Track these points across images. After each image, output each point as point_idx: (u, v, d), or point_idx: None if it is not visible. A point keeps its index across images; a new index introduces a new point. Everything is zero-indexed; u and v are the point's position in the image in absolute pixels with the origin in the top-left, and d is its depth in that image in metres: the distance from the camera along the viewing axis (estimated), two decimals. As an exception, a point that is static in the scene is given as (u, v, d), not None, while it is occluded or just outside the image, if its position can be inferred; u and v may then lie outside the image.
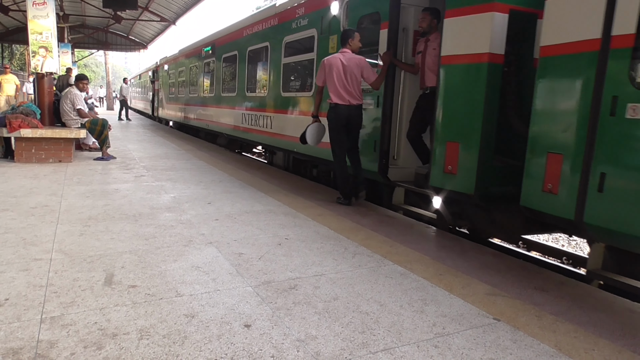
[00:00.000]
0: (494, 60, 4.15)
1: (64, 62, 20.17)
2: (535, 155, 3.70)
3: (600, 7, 3.17)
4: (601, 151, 3.21)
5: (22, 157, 7.85)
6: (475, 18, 4.26)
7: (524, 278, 3.54)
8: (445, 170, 4.57)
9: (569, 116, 3.45)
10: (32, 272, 3.09)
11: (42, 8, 8.76)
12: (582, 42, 3.34)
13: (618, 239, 3.34)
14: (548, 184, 3.58)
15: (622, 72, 3.09)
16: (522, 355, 2.38)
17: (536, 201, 3.72)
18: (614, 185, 3.15)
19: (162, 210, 4.94)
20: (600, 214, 3.23)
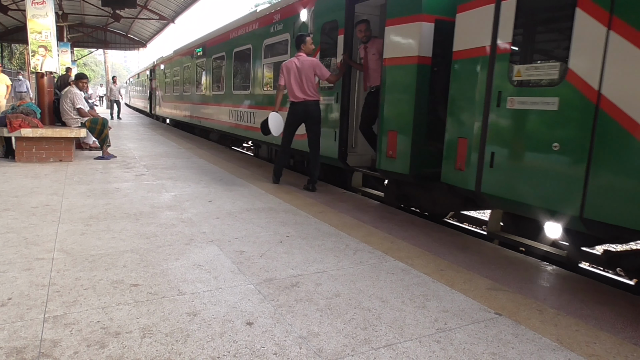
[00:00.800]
0: (423, 62, 5.03)
1: (64, 61, 20.16)
2: (450, 140, 4.55)
3: (490, 21, 4.01)
4: (491, 135, 4.04)
5: (23, 156, 7.86)
6: (407, 27, 5.14)
7: (525, 272, 3.55)
8: (388, 155, 5.46)
9: (471, 107, 4.24)
10: (35, 271, 3.10)
11: (41, 7, 8.74)
12: (478, 49, 4.16)
13: (506, 205, 4.16)
14: (459, 163, 4.42)
15: (504, 72, 3.91)
16: (524, 349, 2.39)
17: (451, 177, 4.57)
18: (500, 162, 3.97)
19: (163, 209, 4.94)
20: (492, 185, 4.07)
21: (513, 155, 3.88)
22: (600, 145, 3.19)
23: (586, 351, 2.41)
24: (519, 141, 3.82)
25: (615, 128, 3.09)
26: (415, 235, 4.44)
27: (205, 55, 13.54)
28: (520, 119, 3.80)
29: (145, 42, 31.00)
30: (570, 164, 3.39)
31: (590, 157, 3.23)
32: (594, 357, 2.35)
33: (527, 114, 3.73)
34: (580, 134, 3.32)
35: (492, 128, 4.03)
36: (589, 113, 3.24)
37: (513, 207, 4.14)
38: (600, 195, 3.20)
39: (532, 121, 3.72)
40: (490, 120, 4.03)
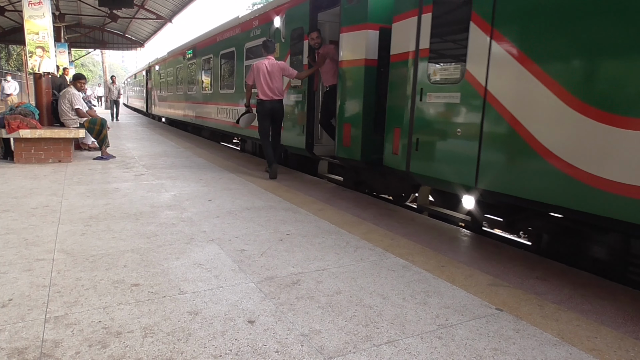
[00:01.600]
0: (370, 64, 5.84)
1: (61, 62, 20.12)
2: (389, 129, 5.31)
3: (414, 30, 4.81)
4: (416, 124, 4.83)
5: (22, 157, 7.85)
6: (356, 34, 5.97)
7: (526, 268, 3.55)
8: (344, 144, 6.33)
9: (403, 101, 5.02)
10: (35, 272, 3.09)
11: (38, 8, 8.72)
12: (407, 53, 4.94)
13: (428, 181, 4.94)
14: (395, 148, 5.18)
15: (424, 72, 4.69)
16: (525, 344, 2.39)
17: (389, 161, 5.34)
18: (422, 146, 4.76)
19: (162, 209, 4.94)
20: (417, 166, 4.85)
21: (430, 140, 4.70)
22: (486, 129, 4.01)
23: (587, 346, 2.41)
24: (434, 128, 4.64)
25: (495, 115, 3.92)
26: (416, 232, 4.44)
27: (195, 56, 14.47)
28: (435, 110, 4.62)
29: (143, 42, 30.94)
30: (468, 145, 4.20)
31: (481, 138, 4.06)
32: (595, 351, 2.36)
33: (440, 106, 4.55)
34: (474, 121, 4.15)
35: (417, 118, 4.84)
36: (480, 104, 4.06)
37: (432, 183, 4.97)
38: (486, 169, 4.05)
39: (443, 112, 4.51)
40: (416, 112, 4.85)
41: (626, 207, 3.00)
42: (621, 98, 3.05)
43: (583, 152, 3.27)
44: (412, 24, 4.88)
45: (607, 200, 3.11)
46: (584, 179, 3.25)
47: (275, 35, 8.45)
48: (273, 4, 8.82)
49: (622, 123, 3.02)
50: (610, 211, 3.11)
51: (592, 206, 3.22)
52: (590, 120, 3.22)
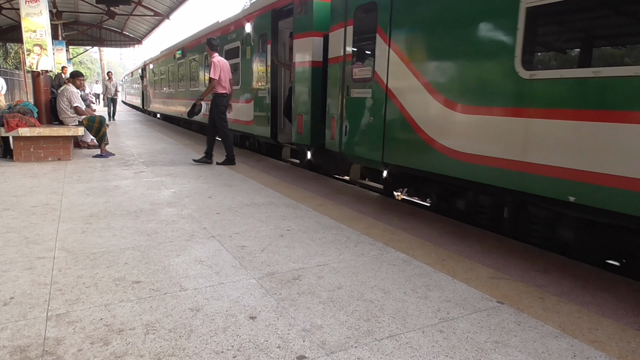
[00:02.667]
0: (315, 65, 7.13)
1: (59, 60, 20.08)
2: (328, 118, 6.59)
3: (342, 39, 6.09)
4: (345, 114, 6.08)
5: (21, 156, 7.84)
6: (304, 40, 7.32)
7: (526, 261, 3.56)
8: (298, 132, 7.63)
9: (336, 96, 6.30)
10: (36, 270, 3.10)
11: (35, 5, 8.69)
12: (338, 57, 6.24)
13: (354, 159, 6.28)
14: (332, 134, 6.44)
15: (349, 73, 5.94)
16: (527, 337, 2.40)
17: (329, 144, 6.62)
18: (349, 131, 6.02)
19: (163, 206, 4.94)
20: (346, 147, 6.09)
21: (354, 127, 5.95)
22: (387, 117, 5.25)
23: (589, 337, 2.41)
24: (356, 117, 5.90)
25: (392, 105, 5.16)
26: (416, 226, 4.44)
27: (184, 56, 15.87)
28: (356, 103, 5.87)
29: (141, 39, 30.88)
30: (377, 130, 5.42)
31: (384, 124, 5.31)
32: (597, 343, 2.36)
33: (359, 100, 5.78)
34: (380, 111, 5.39)
35: (345, 109, 6.11)
36: (384, 97, 5.31)
37: (357, 160, 6.35)
38: (388, 147, 5.28)
39: (361, 104, 5.76)
40: (345, 104, 6.10)
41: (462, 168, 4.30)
42: (455, 89, 4.36)
43: (441, 130, 4.53)
44: (341, 34, 6.16)
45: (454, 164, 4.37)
46: (443, 151, 4.49)
47: (246, 40, 9.92)
48: (244, 12, 10.29)
49: (454, 107, 4.37)
50: (456, 172, 4.38)
51: (448, 169, 4.46)
52: (444, 107, 4.48)
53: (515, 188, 3.82)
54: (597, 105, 3.23)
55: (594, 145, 3.23)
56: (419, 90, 4.75)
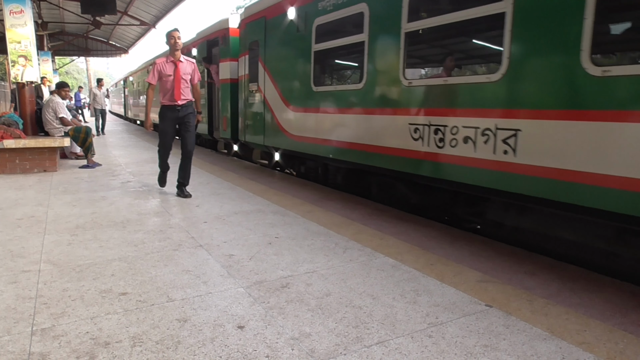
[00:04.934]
0: (233, 81, 10.07)
1: (45, 71, 19.92)
2: (239, 118, 9.56)
3: (244, 63, 9.13)
4: (245, 115, 9.11)
5: (6, 168, 7.74)
6: (226, 63, 10.39)
7: (514, 263, 3.57)
8: (223, 129, 10.74)
9: (242, 103, 9.31)
10: (21, 284, 3.05)
11: (20, 16, 8.63)
12: (241, 76, 9.29)
13: (253, 145, 9.14)
14: (241, 129, 9.41)
15: (247, 86, 8.97)
16: (515, 339, 2.40)
17: (241, 137, 9.55)
18: (248, 126, 8.98)
19: (150, 216, 4.90)
20: (248, 137, 9.10)
21: (250, 123, 8.95)
22: (265, 116, 8.20)
23: (577, 339, 2.43)
24: (251, 116, 8.91)
25: (267, 107, 8.03)
26: (405, 231, 4.45)
27: None
28: (251, 107, 8.91)
29: (127, 48, 30.72)
30: (261, 124, 8.36)
31: (264, 120, 8.19)
32: (585, 344, 2.37)
33: (253, 104, 8.79)
34: (262, 111, 8.29)
35: (245, 111, 9.20)
36: (263, 101, 8.17)
37: (254, 145, 9.25)
38: (266, 134, 8.19)
39: (253, 107, 8.76)
40: (246, 108, 9.20)
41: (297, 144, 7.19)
42: (290, 97, 7.35)
43: (293, 122, 7.31)
44: (243, 60, 9.29)
45: (293, 143, 7.29)
46: (290, 136, 7.37)
47: (202, 56, 12.40)
48: (192, 40, 13.34)
49: (290, 107, 7.34)
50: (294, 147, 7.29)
51: (291, 146, 7.43)
52: (286, 107, 7.47)
53: (319, 153, 6.69)
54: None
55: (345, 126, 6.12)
56: (277, 98, 7.84)
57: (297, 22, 7.03)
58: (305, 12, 6.77)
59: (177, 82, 5.82)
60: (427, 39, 5.31)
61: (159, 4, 19.23)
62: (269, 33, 8.04)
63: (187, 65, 5.95)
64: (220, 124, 10.95)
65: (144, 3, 19.38)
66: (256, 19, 8.51)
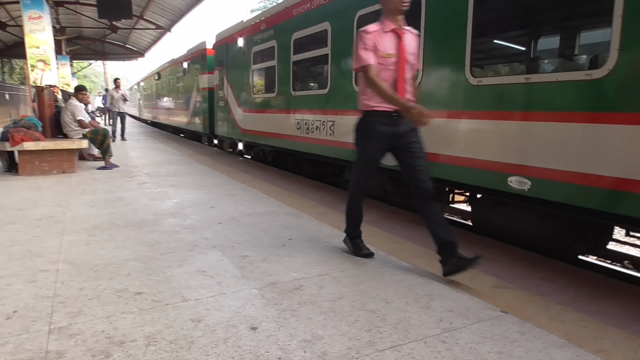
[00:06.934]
0: (210, 89, 13.63)
1: (63, 74, 20.23)
2: (213, 117, 13.48)
3: (215, 77, 13.15)
4: (217, 115, 13.03)
5: (26, 169, 7.88)
6: (205, 75, 14.03)
7: (530, 269, 3.53)
8: (203, 126, 14.43)
9: (215, 106, 13.24)
10: (39, 283, 3.10)
11: (38, 22, 8.79)
12: (215, 85, 13.16)
13: (223, 137, 13.09)
14: (212, 125, 13.67)
15: (218, 94, 12.79)
16: (531, 346, 2.37)
17: (215, 132, 13.41)
18: (218, 123, 12.92)
19: (165, 216, 4.95)
20: (219, 131, 12.96)
21: (221, 120, 12.53)
22: (229, 115, 11.73)
23: (594, 347, 2.39)
24: (221, 115, 12.44)
25: (228, 109, 11.79)
26: (419, 235, 4.42)
27: (160, 78, 23.26)
28: (222, 109, 12.39)
29: (143, 52, 31.03)
30: (228, 121, 11.84)
31: (228, 118, 11.90)
32: (602, 352, 2.33)
33: (222, 107, 12.35)
34: (227, 113, 12.00)
35: (217, 112, 12.93)
36: (227, 106, 11.99)
37: (225, 137, 12.79)
38: (230, 129, 11.89)
39: (222, 110, 12.43)
40: (217, 110, 12.95)
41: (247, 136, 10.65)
42: (242, 101, 10.73)
43: (243, 120, 10.73)
44: (215, 74, 12.82)
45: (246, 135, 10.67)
46: (242, 130, 10.82)
47: (188, 71, 16.38)
48: (187, 52, 16.80)
49: (242, 109, 10.77)
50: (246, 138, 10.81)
51: (244, 138, 10.88)
52: (239, 109, 10.92)
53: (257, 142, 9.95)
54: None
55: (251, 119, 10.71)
56: (234, 102, 11.27)
57: (243, 48, 10.41)
58: (246, 42, 10.23)
59: (401, 69, 3.37)
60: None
61: (174, 8, 19.43)
62: (229, 55, 11.49)
63: (412, 40, 3.48)
64: (202, 122, 14.54)
65: (159, 7, 19.60)
66: (222, 44, 12.07)
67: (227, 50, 11.62)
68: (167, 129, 23.27)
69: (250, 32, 10.01)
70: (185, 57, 16.73)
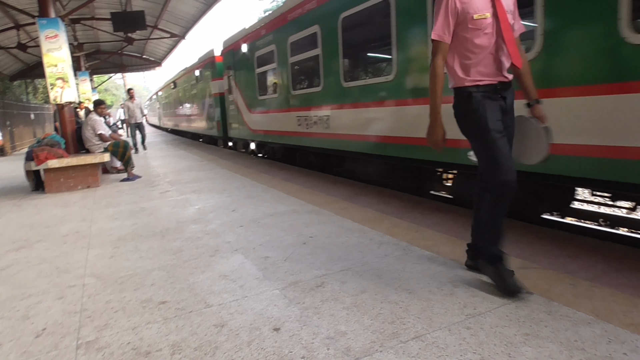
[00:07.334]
0: (221, 94, 14.55)
1: (84, 90, 20.65)
2: (226, 121, 14.33)
3: (225, 82, 13.95)
4: (228, 119, 14.05)
5: (52, 187, 8.08)
6: (215, 82, 14.98)
7: (556, 247, 3.45)
8: (218, 130, 15.09)
9: (225, 110, 14.27)
10: (67, 299, 3.17)
11: (55, 41, 8.95)
12: (225, 90, 14.09)
13: (235, 138, 13.93)
14: (226, 128, 14.52)
15: (228, 98, 13.72)
16: (558, 326, 2.32)
17: (229, 134, 14.21)
18: (230, 127, 13.81)
19: (188, 223, 5.00)
20: (231, 133, 13.83)
21: (232, 124, 13.48)
22: (239, 117, 12.58)
23: (623, 321, 2.32)
24: (232, 119, 13.38)
25: (239, 112, 12.60)
26: (441, 222, 4.37)
27: (175, 87, 24.67)
28: (232, 113, 13.27)
29: (160, 61, 31.40)
30: (240, 124, 12.60)
31: (238, 120, 12.78)
32: (632, 326, 2.27)
33: (233, 111, 13.18)
34: (238, 115, 12.73)
35: (228, 116, 13.80)
36: (237, 110, 12.69)
37: (236, 139, 13.88)
38: (240, 131, 12.74)
39: (234, 113, 13.14)
40: (228, 113, 13.83)
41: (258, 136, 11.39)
42: (251, 104, 11.45)
43: (251, 121, 11.48)
44: (225, 79, 13.77)
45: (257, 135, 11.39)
46: (252, 130, 11.59)
47: (198, 78, 17.79)
48: (198, 60, 17.85)
49: (251, 111, 11.44)
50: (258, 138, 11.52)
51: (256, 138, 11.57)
52: (248, 110, 11.70)
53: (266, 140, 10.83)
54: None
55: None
56: (243, 105, 12.01)
57: (247, 54, 11.24)
58: (249, 47, 11.05)
59: (506, 29, 2.70)
60: None
61: (187, 15, 19.59)
62: (236, 60, 12.32)
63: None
64: (215, 126, 15.31)
65: (173, 15, 19.78)
66: (229, 50, 12.87)
67: (233, 56, 12.51)
68: (186, 135, 24.50)
69: (253, 38, 10.75)
70: (197, 65, 17.84)
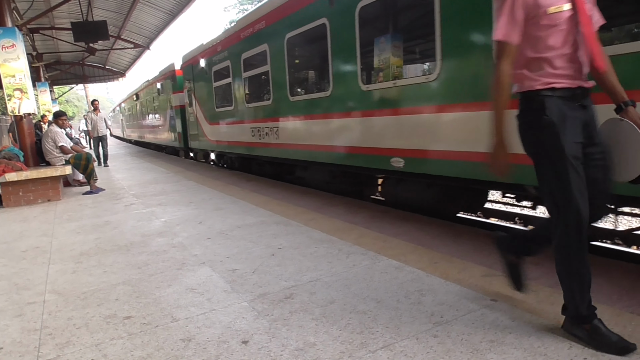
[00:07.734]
0: (182, 107, 14.76)
1: (44, 101, 20.10)
2: (186, 132, 14.70)
3: (185, 95, 14.37)
4: (188, 129, 14.40)
5: (11, 201, 7.80)
6: (176, 94, 15.30)
7: (519, 255, 3.53)
8: (179, 141, 15.41)
9: (185, 122, 14.68)
10: (26, 316, 3.06)
11: (12, 51, 8.70)
12: (185, 103, 14.46)
13: (195, 149, 14.61)
14: (187, 139, 14.87)
15: (187, 111, 14.35)
16: (522, 332, 2.38)
17: (189, 145, 14.61)
18: (190, 137, 14.20)
19: (153, 236, 4.91)
20: (191, 144, 14.38)
21: (192, 134, 13.86)
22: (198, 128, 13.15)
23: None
24: (191, 129, 13.91)
25: (197, 122, 13.14)
26: (408, 231, 4.43)
27: (137, 99, 25.36)
28: (191, 123, 13.80)
29: (124, 72, 30.85)
30: (197, 134, 13.29)
31: (198, 131, 13.19)
32: (592, 331, 2.34)
33: (192, 122, 13.69)
34: (196, 124, 13.22)
35: (189, 127, 14.19)
36: (196, 121, 13.17)
37: (196, 150, 14.53)
38: (200, 141, 13.21)
39: (192, 122, 13.68)
40: (188, 125, 14.16)
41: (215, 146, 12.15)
42: (208, 116, 11.95)
43: (210, 132, 12.04)
44: (184, 93, 14.17)
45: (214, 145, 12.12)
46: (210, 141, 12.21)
47: (159, 90, 18.18)
48: (159, 74, 18.30)
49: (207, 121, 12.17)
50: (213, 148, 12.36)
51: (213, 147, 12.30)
52: (207, 122, 12.17)
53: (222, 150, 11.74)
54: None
55: None
56: (202, 117, 12.45)
57: (205, 68, 11.59)
58: (207, 62, 11.42)
59: (587, 24, 2.16)
60: None
61: (151, 26, 19.35)
62: (195, 74, 12.70)
63: None
64: (176, 137, 15.68)
65: (136, 26, 19.51)
66: (188, 65, 13.29)
67: (192, 71, 12.98)
68: (149, 146, 24.58)
69: (210, 54, 11.22)
70: (158, 78, 18.32)
